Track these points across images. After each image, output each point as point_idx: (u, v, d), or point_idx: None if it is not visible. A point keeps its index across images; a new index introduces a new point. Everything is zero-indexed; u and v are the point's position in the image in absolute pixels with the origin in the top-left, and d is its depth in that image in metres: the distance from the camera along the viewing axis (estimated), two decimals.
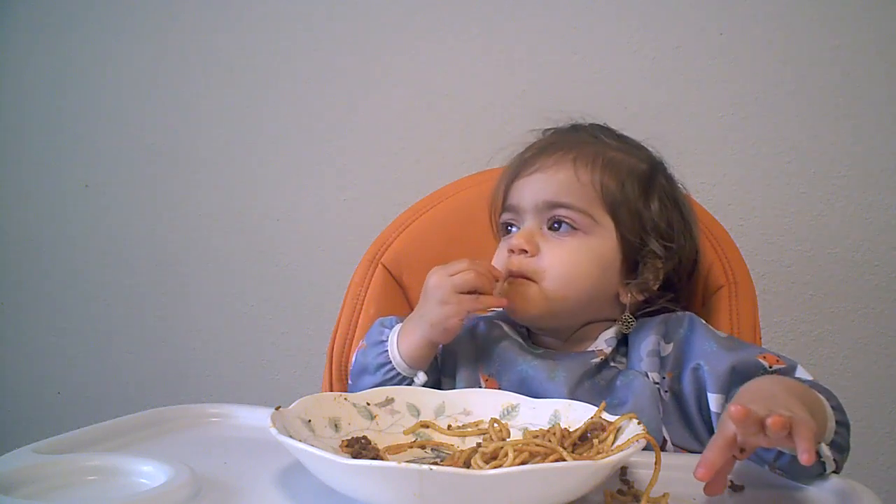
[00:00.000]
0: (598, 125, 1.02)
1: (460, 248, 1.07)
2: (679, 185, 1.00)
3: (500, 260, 0.95)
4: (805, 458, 0.60)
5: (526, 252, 0.92)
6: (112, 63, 1.67)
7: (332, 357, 1.10)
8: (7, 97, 1.72)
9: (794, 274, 1.47)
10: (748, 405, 0.63)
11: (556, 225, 0.93)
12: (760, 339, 1.06)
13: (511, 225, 0.97)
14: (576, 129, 1.01)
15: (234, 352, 1.68)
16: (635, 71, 1.47)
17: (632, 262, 0.94)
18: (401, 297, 1.13)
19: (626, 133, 1.02)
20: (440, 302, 0.89)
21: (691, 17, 1.45)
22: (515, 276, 0.92)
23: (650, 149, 1.00)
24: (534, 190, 0.94)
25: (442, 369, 0.97)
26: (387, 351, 0.93)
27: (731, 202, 1.45)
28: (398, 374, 0.92)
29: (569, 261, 0.91)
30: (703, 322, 0.94)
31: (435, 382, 0.95)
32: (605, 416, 0.75)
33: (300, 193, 1.62)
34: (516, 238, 0.93)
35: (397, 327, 0.94)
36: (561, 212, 0.92)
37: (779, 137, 1.44)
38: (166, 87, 1.65)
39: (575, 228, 0.92)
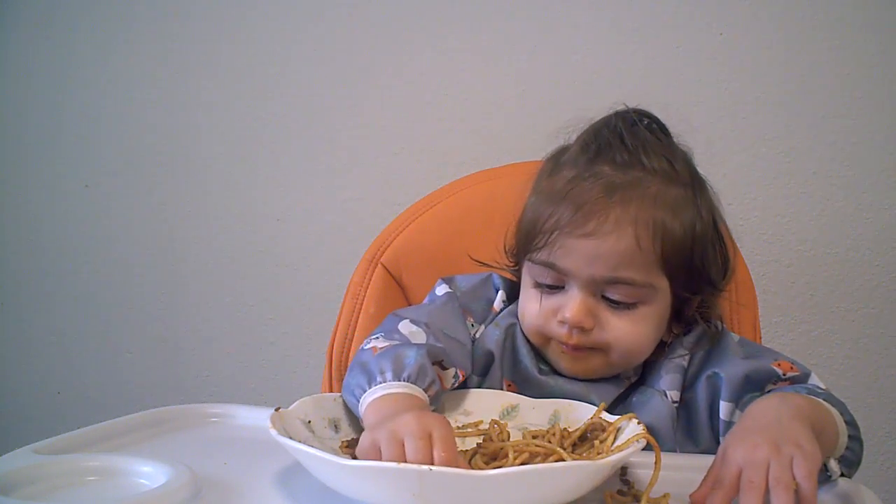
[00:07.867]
0: (637, 133, 0.90)
1: (459, 248, 1.07)
2: (712, 191, 0.92)
3: (544, 325, 0.89)
4: None
5: (584, 327, 0.86)
6: (112, 63, 1.67)
7: (331, 357, 1.10)
8: (7, 97, 1.72)
9: (794, 274, 1.47)
10: (751, 437, 0.65)
11: (614, 298, 0.86)
12: (760, 338, 1.06)
13: (554, 286, 0.88)
14: (623, 143, 0.88)
15: (234, 352, 1.68)
16: (635, 71, 1.47)
17: (679, 309, 0.91)
18: (400, 297, 1.12)
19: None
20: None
21: (691, 17, 1.45)
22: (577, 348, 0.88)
23: (684, 147, 0.93)
24: (589, 260, 0.84)
25: (474, 367, 0.93)
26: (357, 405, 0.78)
27: (731, 202, 1.45)
28: None
29: (632, 332, 0.86)
30: (730, 334, 0.92)
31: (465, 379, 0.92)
32: (605, 416, 0.75)
33: (300, 193, 1.62)
34: (573, 314, 0.85)
35: (371, 395, 0.75)
36: (622, 288, 0.85)
37: (779, 137, 1.44)
38: (167, 87, 1.65)
39: (636, 301, 0.86)
